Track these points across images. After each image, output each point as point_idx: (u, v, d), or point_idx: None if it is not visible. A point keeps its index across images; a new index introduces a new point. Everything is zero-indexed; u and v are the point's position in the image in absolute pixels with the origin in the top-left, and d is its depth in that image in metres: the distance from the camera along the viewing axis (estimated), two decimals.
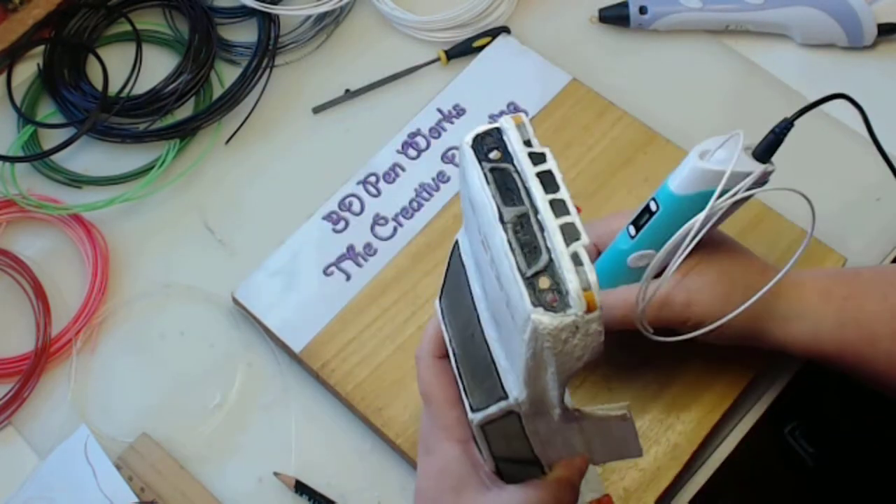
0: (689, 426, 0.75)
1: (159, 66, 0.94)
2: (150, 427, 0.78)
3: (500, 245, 0.51)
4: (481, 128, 0.55)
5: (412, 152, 0.87)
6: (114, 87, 0.91)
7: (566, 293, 0.49)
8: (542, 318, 0.48)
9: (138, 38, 0.94)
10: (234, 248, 0.86)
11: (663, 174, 0.85)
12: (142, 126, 0.91)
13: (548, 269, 0.49)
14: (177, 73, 0.92)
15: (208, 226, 0.87)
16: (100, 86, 0.91)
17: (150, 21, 0.97)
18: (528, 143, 0.54)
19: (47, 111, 0.93)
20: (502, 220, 0.51)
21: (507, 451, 0.59)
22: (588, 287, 0.49)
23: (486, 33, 0.94)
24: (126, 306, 0.84)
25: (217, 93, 0.93)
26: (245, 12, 0.97)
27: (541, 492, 0.60)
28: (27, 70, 0.95)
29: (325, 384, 0.78)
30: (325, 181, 0.86)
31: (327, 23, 0.97)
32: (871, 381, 0.70)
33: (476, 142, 0.54)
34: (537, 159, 0.53)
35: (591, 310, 0.49)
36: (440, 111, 0.89)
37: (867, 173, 0.86)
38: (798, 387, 0.78)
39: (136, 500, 0.74)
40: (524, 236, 0.51)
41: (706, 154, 0.65)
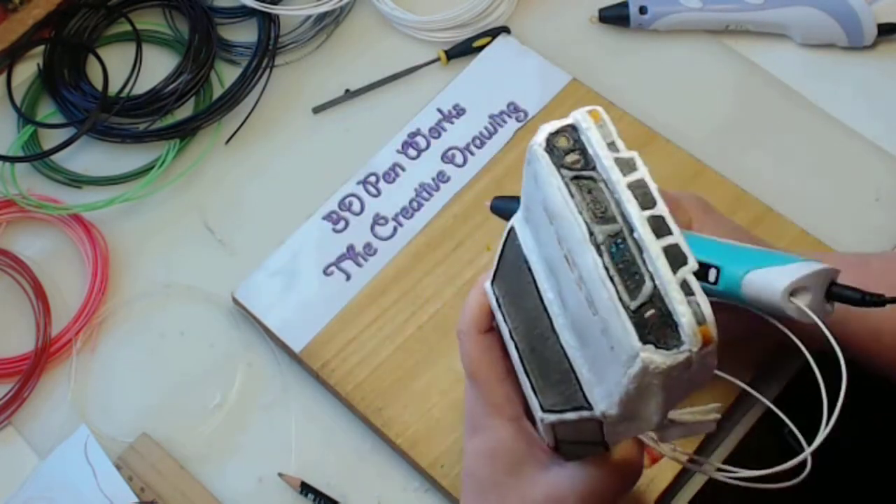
0: None
1: (159, 66, 0.94)
2: (150, 427, 0.78)
3: (594, 269, 0.45)
4: (553, 125, 0.48)
5: (412, 152, 0.87)
6: (114, 87, 0.91)
7: (678, 326, 0.43)
8: (654, 356, 0.43)
9: (138, 38, 0.94)
10: (234, 248, 0.86)
11: (663, 174, 0.85)
12: (142, 126, 0.91)
13: (653, 300, 0.44)
14: (177, 73, 0.92)
15: (208, 226, 0.87)
16: (100, 86, 0.91)
17: (150, 21, 0.97)
18: (612, 146, 0.47)
19: (47, 111, 0.93)
20: (595, 241, 0.45)
21: (572, 436, 0.54)
22: (703, 321, 0.43)
23: (486, 33, 0.94)
24: (126, 306, 0.84)
25: (217, 93, 0.93)
26: (245, 12, 0.96)
27: (604, 471, 0.56)
28: (27, 70, 0.95)
29: (325, 384, 0.78)
30: (325, 181, 0.86)
31: (327, 23, 0.97)
32: (877, 374, 0.69)
33: (549, 143, 0.48)
34: (626, 167, 0.47)
35: (707, 343, 0.43)
36: (440, 111, 0.89)
37: (866, 173, 0.87)
38: (798, 387, 0.78)
39: (136, 500, 0.74)
40: (621, 260, 0.45)
41: (797, 293, 0.62)
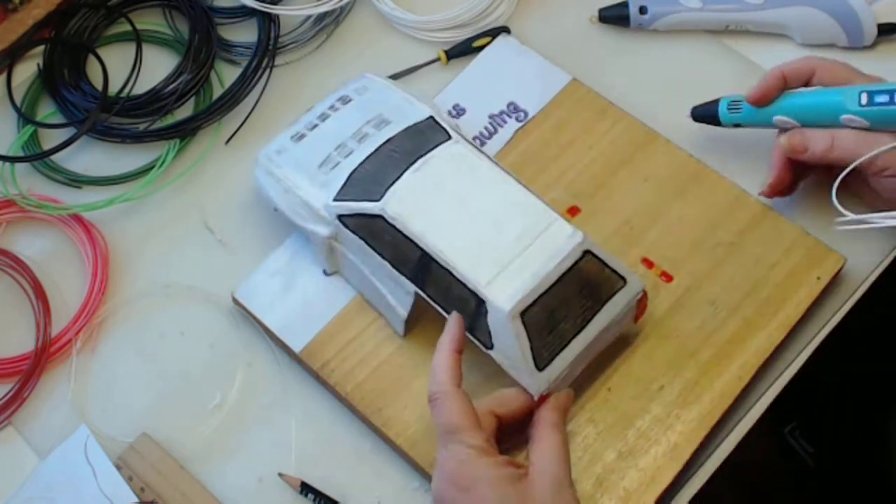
0: (689, 426, 0.74)
1: (159, 66, 0.94)
2: (150, 427, 0.78)
3: None
4: None
5: None
6: (114, 87, 0.91)
7: None
8: None
9: (138, 38, 0.94)
10: (234, 248, 0.86)
11: (663, 174, 0.85)
12: (142, 126, 0.91)
13: None
14: (177, 73, 0.92)
15: (208, 226, 0.87)
16: (100, 86, 0.91)
17: (150, 21, 0.97)
18: None
19: (47, 111, 0.93)
20: None
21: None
22: None
23: (486, 33, 0.94)
24: (126, 306, 0.84)
25: (217, 93, 0.93)
26: (245, 12, 0.96)
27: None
28: (27, 70, 0.95)
29: (325, 384, 0.78)
30: None
31: (327, 23, 0.97)
32: None
33: None
34: None
35: None
36: None
37: None
38: (798, 387, 0.78)
39: (136, 500, 0.74)
40: None
41: None
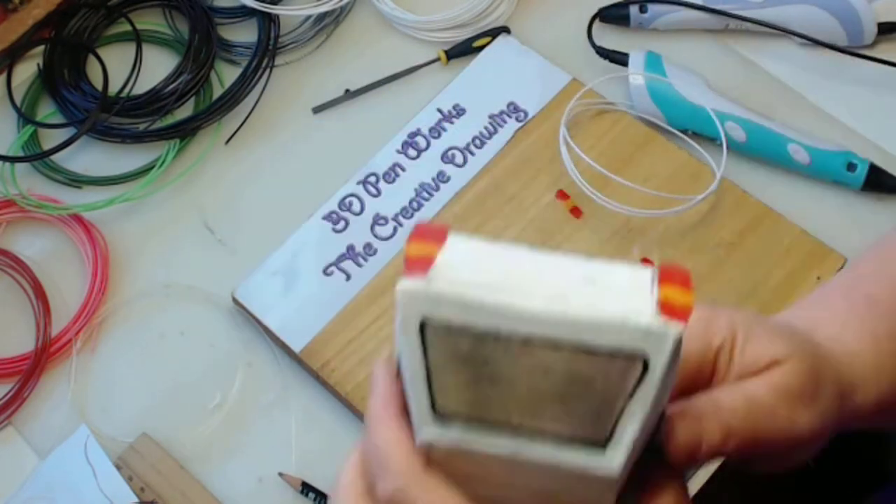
0: None
1: (159, 66, 0.94)
2: (150, 427, 0.78)
3: None
4: None
5: (412, 152, 0.87)
6: (114, 87, 0.91)
7: None
8: None
9: (138, 38, 0.94)
10: (234, 248, 0.86)
11: (663, 174, 0.85)
12: (142, 126, 0.91)
13: None
14: (177, 73, 0.92)
15: (208, 226, 0.87)
16: (100, 86, 0.91)
17: (150, 21, 0.97)
18: None
19: (47, 111, 0.93)
20: None
21: None
22: None
23: (486, 33, 0.94)
24: (126, 306, 0.84)
25: (217, 93, 0.93)
26: (245, 12, 0.96)
27: None
28: (27, 70, 0.94)
29: (325, 384, 0.78)
30: (325, 181, 0.86)
31: (327, 23, 0.97)
32: None
33: None
34: None
35: None
36: (440, 111, 0.89)
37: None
38: None
39: (136, 500, 0.74)
40: None
41: None
